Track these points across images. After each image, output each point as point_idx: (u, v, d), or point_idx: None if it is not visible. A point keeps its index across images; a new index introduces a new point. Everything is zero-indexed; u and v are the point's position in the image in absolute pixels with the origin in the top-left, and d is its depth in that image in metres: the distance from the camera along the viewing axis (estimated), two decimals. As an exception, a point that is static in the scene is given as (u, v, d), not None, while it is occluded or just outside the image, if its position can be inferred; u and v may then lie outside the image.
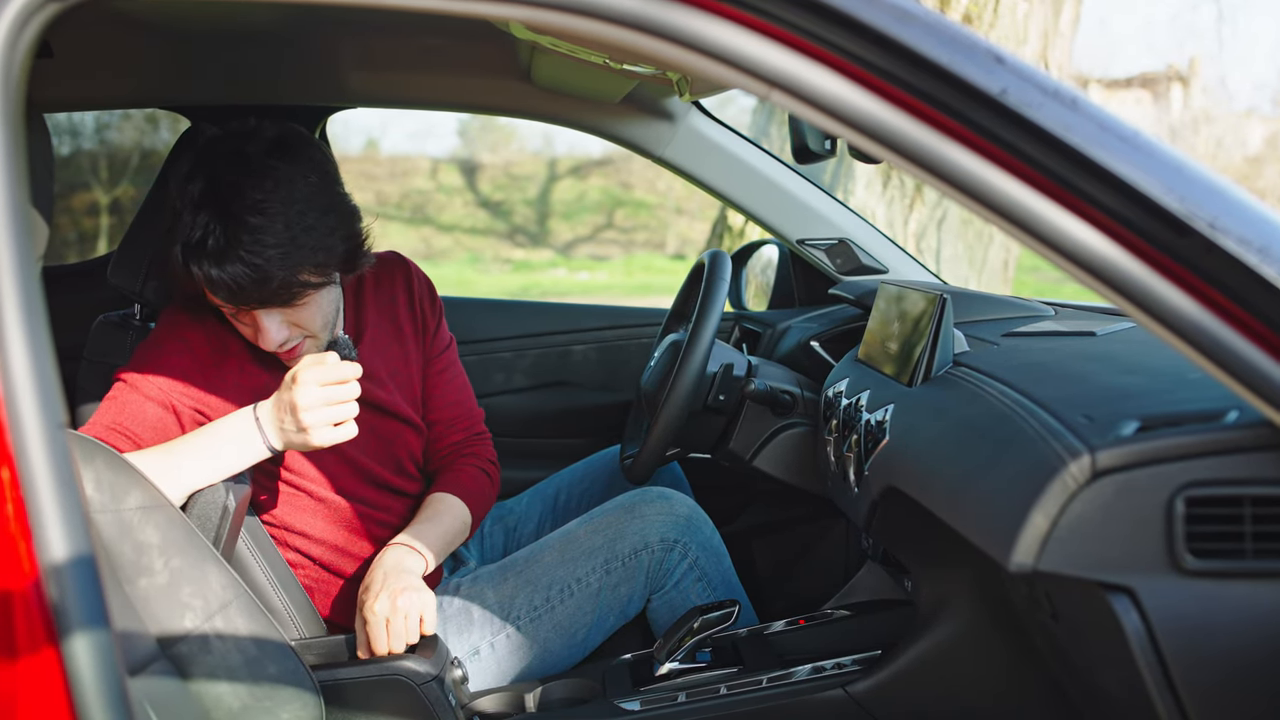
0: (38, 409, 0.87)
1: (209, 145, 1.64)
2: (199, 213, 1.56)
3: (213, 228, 1.56)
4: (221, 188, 1.58)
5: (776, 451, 2.08)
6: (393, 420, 1.87)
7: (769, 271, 2.75)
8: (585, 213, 15.60)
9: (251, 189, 1.57)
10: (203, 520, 1.53)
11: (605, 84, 2.11)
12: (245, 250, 1.55)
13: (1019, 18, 5.18)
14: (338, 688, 1.52)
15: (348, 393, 1.54)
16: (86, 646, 0.86)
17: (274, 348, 1.67)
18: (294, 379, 1.53)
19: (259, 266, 1.56)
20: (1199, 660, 1.04)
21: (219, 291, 1.59)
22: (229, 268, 1.56)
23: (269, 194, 1.58)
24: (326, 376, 1.52)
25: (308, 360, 1.54)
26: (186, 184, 1.60)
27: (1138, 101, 15.05)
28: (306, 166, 1.64)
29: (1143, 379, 1.25)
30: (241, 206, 1.56)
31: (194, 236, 1.56)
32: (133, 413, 1.64)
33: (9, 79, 0.89)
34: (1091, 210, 0.93)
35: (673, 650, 1.73)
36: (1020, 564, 1.07)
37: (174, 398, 1.67)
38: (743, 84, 0.94)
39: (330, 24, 1.95)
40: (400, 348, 1.91)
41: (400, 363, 1.91)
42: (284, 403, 1.54)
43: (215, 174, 1.59)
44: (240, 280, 1.56)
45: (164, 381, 1.67)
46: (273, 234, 1.57)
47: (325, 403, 1.52)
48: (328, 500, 1.81)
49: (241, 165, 1.59)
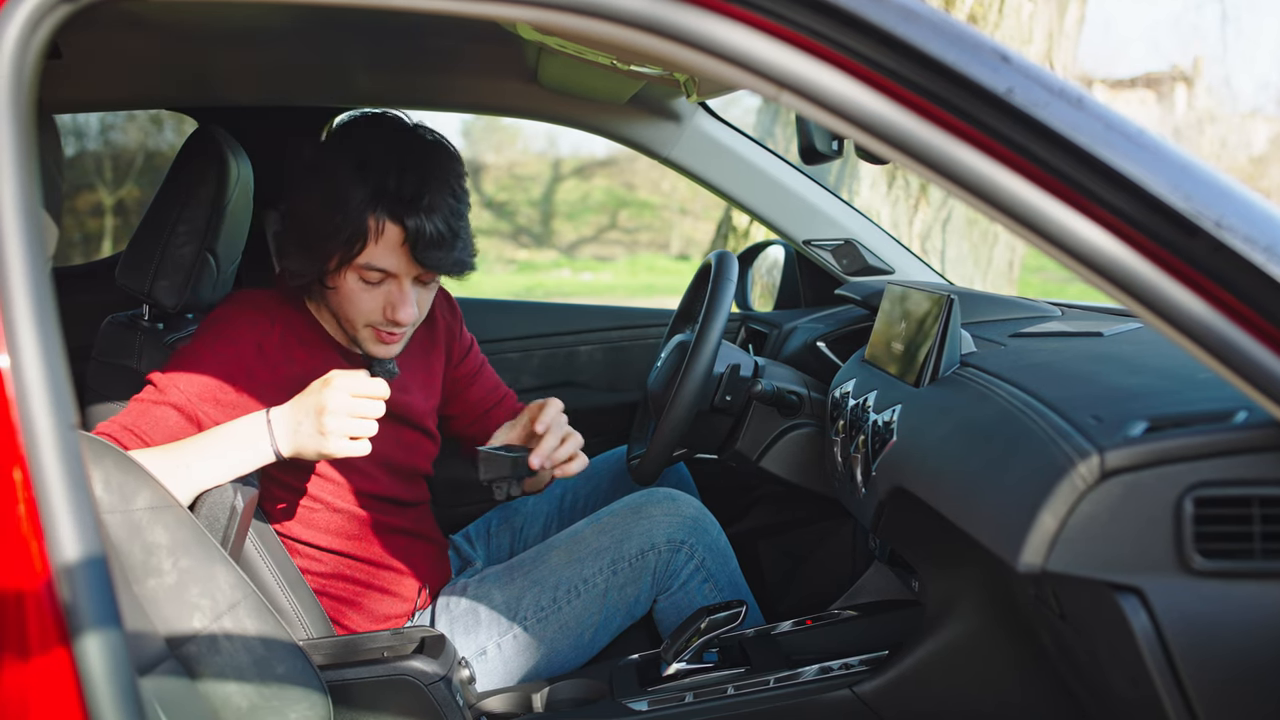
0: (49, 410, 0.88)
1: (378, 119, 1.75)
2: (407, 172, 1.67)
3: (426, 184, 1.67)
4: (431, 156, 1.71)
5: (783, 452, 2.08)
6: (415, 430, 1.90)
7: (775, 272, 2.74)
8: (589, 213, 15.59)
9: (449, 161, 1.73)
10: (211, 521, 1.54)
11: (612, 85, 2.11)
12: (451, 213, 1.69)
13: (1024, 18, 5.18)
14: (345, 688, 1.52)
15: (373, 410, 1.54)
16: (98, 646, 0.86)
17: (408, 319, 1.73)
18: (326, 382, 1.53)
19: (458, 229, 1.70)
20: (1207, 660, 1.04)
21: (419, 242, 1.66)
22: (437, 221, 1.67)
23: (462, 177, 1.75)
24: (359, 388, 1.53)
25: (341, 371, 1.55)
26: (386, 147, 1.69)
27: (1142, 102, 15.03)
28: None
29: (1150, 379, 1.24)
30: (449, 175, 1.71)
31: (405, 190, 1.66)
32: (154, 418, 1.63)
33: (20, 80, 0.89)
34: (1098, 209, 0.93)
35: (680, 650, 1.73)
36: (1029, 564, 1.07)
37: (201, 409, 1.66)
38: (752, 85, 0.94)
39: (336, 25, 1.95)
40: (425, 358, 1.94)
41: (425, 374, 1.95)
42: (308, 405, 1.54)
43: (417, 143, 1.71)
44: (442, 234, 1.67)
45: (194, 392, 1.66)
46: (466, 207, 1.74)
47: (350, 413, 1.52)
48: (343, 511, 1.81)
49: (423, 137, 1.73)
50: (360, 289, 1.71)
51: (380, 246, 1.67)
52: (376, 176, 1.65)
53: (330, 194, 1.67)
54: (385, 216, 1.66)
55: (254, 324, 1.75)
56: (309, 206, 1.70)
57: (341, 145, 1.70)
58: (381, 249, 1.68)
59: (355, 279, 1.70)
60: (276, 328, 1.76)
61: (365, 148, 1.68)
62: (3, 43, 0.88)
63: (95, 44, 1.87)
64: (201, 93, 2.41)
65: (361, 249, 1.67)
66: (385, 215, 1.66)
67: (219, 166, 1.85)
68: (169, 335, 1.85)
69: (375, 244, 1.67)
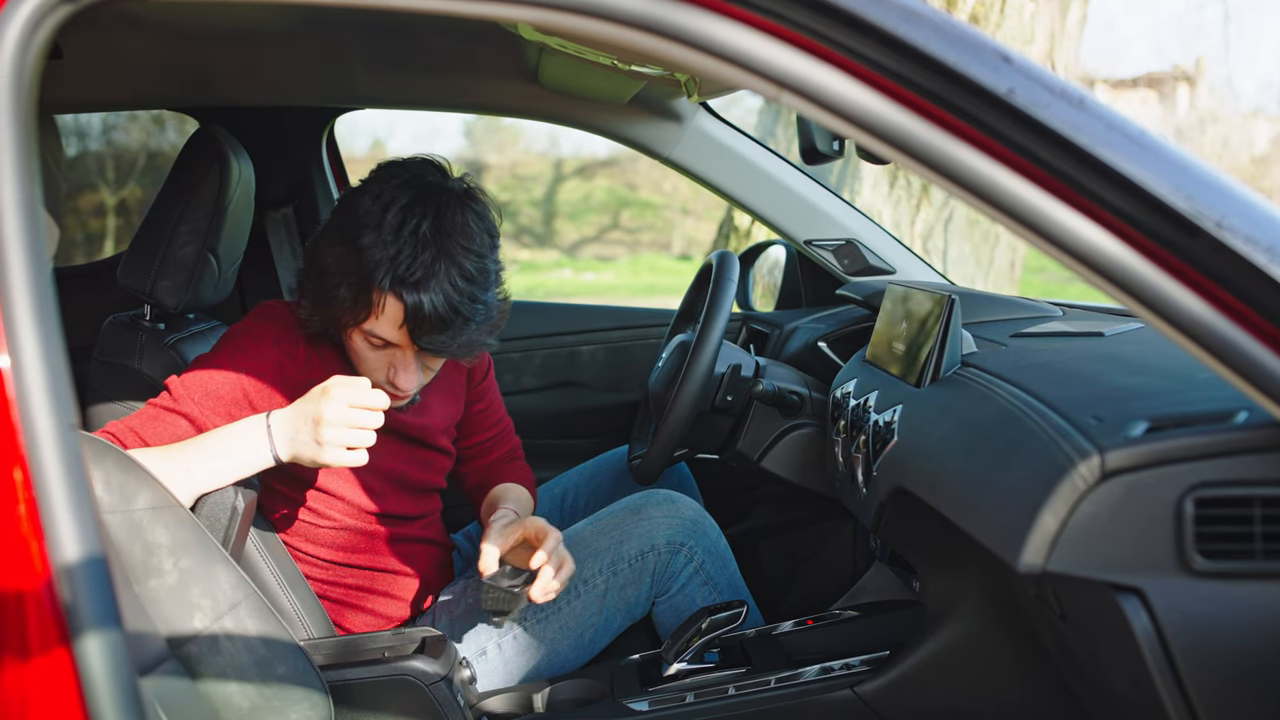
0: (50, 410, 0.88)
1: (420, 179, 1.67)
2: (424, 249, 1.60)
3: (437, 267, 1.60)
4: (454, 229, 1.63)
5: (784, 452, 2.08)
6: (430, 450, 1.90)
7: (776, 272, 2.74)
8: (591, 213, 15.59)
9: (472, 242, 1.64)
10: (212, 521, 1.54)
11: (613, 85, 2.11)
12: (460, 294, 1.62)
13: (1026, 18, 5.17)
14: (346, 688, 1.52)
15: (372, 421, 1.51)
16: (98, 646, 0.86)
17: (410, 387, 1.70)
18: (325, 392, 1.51)
19: (470, 313, 1.63)
20: (1208, 660, 1.04)
21: (418, 324, 1.61)
22: (439, 304, 1.60)
23: (488, 252, 1.67)
24: (357, 399, 1.50)
25: (341, 379, 1.52)
26: (406, 216, 1.62)
27: (1144, 102, 15.02)
28: (495, 237, 1.72)
29: (1151, 379, 1.24)
30: (470, 251, 1.63)
31: (414, 270, 1.59)
32: (163, 424, 1.62)
33: (21, 80, 0.89)
34: (1099, 210, 0.93)
35: (681, 651, 1.73)
36: (1029, 564, 1.07)
37: (213, 422, 1.64)
38: (752, 85, 0.94)
39: (337, 26, 1.95)
40: (448, 378, 1.93)
41: (447, 393, 1.94)
42: (306, 413, 1.52)
43: (445, 210, 1.63)
44: (444, 318, 1.61)
45: (208, 405, 1.64)
46: (485, 286, 1.66)
47: (348, 424, 1.50)
48: (351, 527, 1.81)
49: (459, 212, 1.65)
50: (366, 349, 1.69)
51: (383, 320, 1.64)
52: (394, 248, 1.60)
53: (347, 255, 1.63)
54: (388, 292, 1.61)
55: (278, 341, 1.72)
56: (325, 260, 1.67)
57: (370, 201, 1.65)
58: (384, 322, 1.64)
59: (361, 340, 1.68)
60: (301, 348, 1.73)
61: (385, 213, 1.62)
62: (3, 43, 0.88)
63: (96, 44, 1.88)
64: (202, 93, 2.41)
65: (366, 317, 1.64)
66: (388, 290, 1.61)
67: (220, 167, 1.85)
68: (170, 335, 1.86)
69: (378, 318, 1.64)
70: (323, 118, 2.70)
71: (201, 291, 1.86)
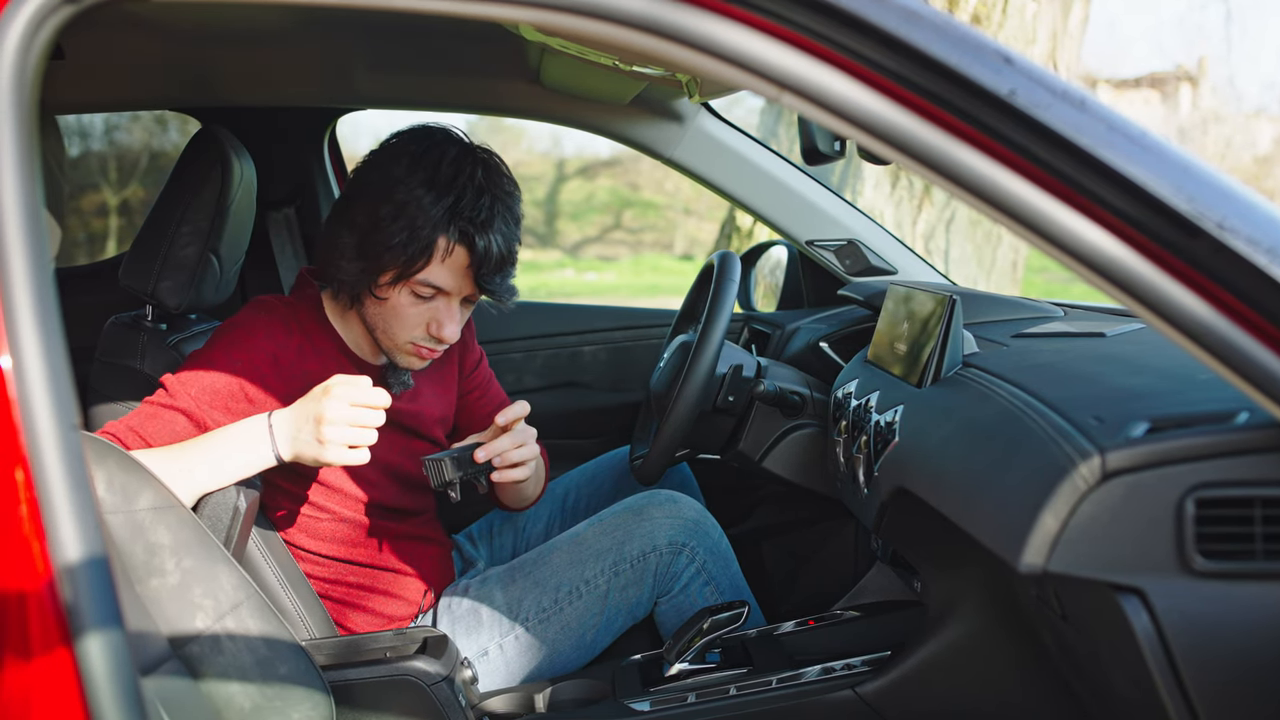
0: (51, 411, 0.88)
1: (451, 136, 1.76)
2: (483, 195, 1.69)
3: (496, 208, 1.70)
4: (498, 180, 1.74)
5: (786, 452, 2.08)
6: (425, 440, 1.90)
7: (778, 272, 2.74)
8: (593, 213, 15.59)
9: (514, 188, 1.77)
10: (213, 521, 1.54)
11: (614, 85, 2.12)
12: (514, 238, 1.74)
13: (1027, 18, 5.17)
14: (348, 688, 1.53)
15: (373, 419, 1.53)
16: (100, 646, 0.87)
17: (454, 337, 1.76)
18: (326, 390, 1.52)
19: (516, 256, 1.76)
20: (1209, 661, 1.04)
21: (484, 265, 1.69)
22: (502, 246, 1.71)
23: (520, 202, 1.78)
24: (358, 398, 1.51)
25: (342, 378, 1.54)
26: (460, 166, 1.70)
27: (1146, 102, 15.01)
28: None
29: (1152, 380, 1.24)
30: (512, 201, 1.75)
31: (480, 213, 1.68)
32: (161, 422, 1.62)
33: (23, 81, 0.89)
34: (1100, 211, 0.93)
35: (682, 651, 1.73)
36: (1030, 565, 1.07)
37: (211, 416, 1.65)
38: (753, 86, 0.94)
39: (339, 26, 1.95)
40: (439, 368, 1.94)
41: (440, 384, 1.94)
42: (307, 412, 1.53)
43: (484, 166, 1.73)
44: (505, 259, 1.72)
45: (204, 399, 1.65)
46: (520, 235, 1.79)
47: (349, 422, 1.51)
48: (349, 521, 1.81)
49: (497, 162, 1.77)
50: (409, 304, 1.72)
51: (443, 266, 1.69)
52: (453, 196, 1.66)
53: (400, 208, 1.66)
54: (456, 237, 1.67)
55: (271, 334, 1.73)
56: (373, 218, 1.69)
57: (411, 159, 1.69)
58: (444, 268, 1.69)
59: (407, 294, 1.71)
60: (294, 339, 1.75)
61: (438, 165, 1.68)
62: (5, 44, 0.88)
63: (98, 45, 1.88)
64: (204, 93, 2.42)
65: (424, 266, 1.68)
66: (456, 236, 1.67)
67: (222, 167, 1.85)
68: (172, 336, 1.86)
69: (440, 263, 1.68)
70: (324, 118, 2.71)
71: (203, 292, 1.86)
